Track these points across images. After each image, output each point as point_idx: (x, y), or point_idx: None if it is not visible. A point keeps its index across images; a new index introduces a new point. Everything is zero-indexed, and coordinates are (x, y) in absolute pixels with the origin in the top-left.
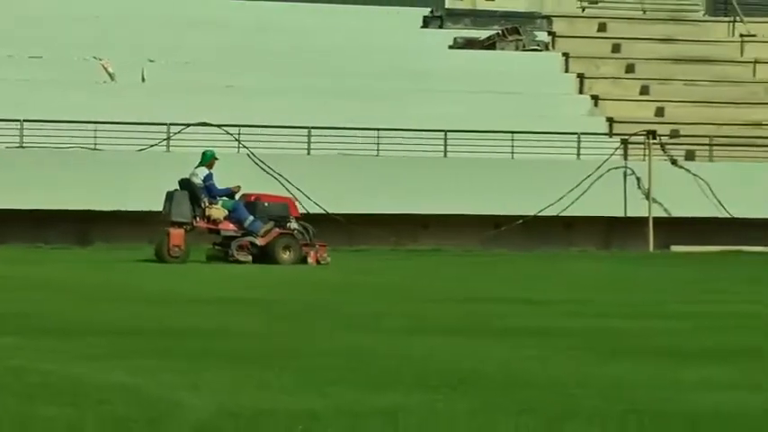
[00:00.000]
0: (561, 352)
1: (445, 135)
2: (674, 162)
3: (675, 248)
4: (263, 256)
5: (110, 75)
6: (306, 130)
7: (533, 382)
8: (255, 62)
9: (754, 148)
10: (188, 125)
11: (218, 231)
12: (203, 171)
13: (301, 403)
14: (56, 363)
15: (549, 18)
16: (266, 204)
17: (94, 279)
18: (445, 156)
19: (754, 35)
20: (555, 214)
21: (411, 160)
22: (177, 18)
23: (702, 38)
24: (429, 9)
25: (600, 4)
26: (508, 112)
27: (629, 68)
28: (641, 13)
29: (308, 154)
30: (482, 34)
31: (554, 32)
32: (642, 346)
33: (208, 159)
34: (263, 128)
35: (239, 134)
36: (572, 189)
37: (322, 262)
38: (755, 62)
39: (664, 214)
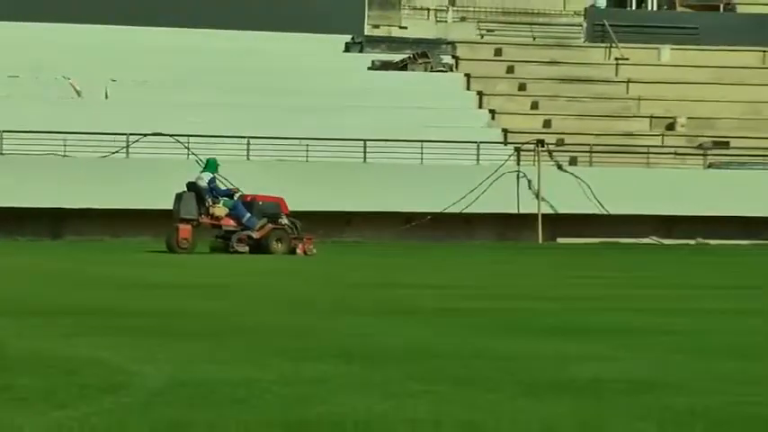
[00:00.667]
0: (463, 329)
1: (365, 143)
2: (559, 167)
3: (561, 240)
4: (259, 247)
5: (77, 92)
6: (245, 139)
7: (439, 354)
8: (202, 81)
9: (628, 155)
10: (144, 135)
11: (220, 226)
12: (208, 175)
13: (244, 373)
14: (31, 339)
15: (453, 44)
16: (261, 203)
17: (65, 267)
18: (365, 161)
19: (626, 58)
20: (458, 211)
21: (335, 165)
22: (135, 44)
23: (583, 61)
24: (350, 36)
25: (496, 32)
26: (418, 123)
27: (521, 87)
28: (531, 39)
29: (248, 159)
30: (396, 57)
31: (457, 56)
32: (533, 324)
33: (212, 166)
34: (208, 137)
35: (188, 143)
36: (472, 190)
37: (308, 253)
38: (628, 81)
39: (551, 211)
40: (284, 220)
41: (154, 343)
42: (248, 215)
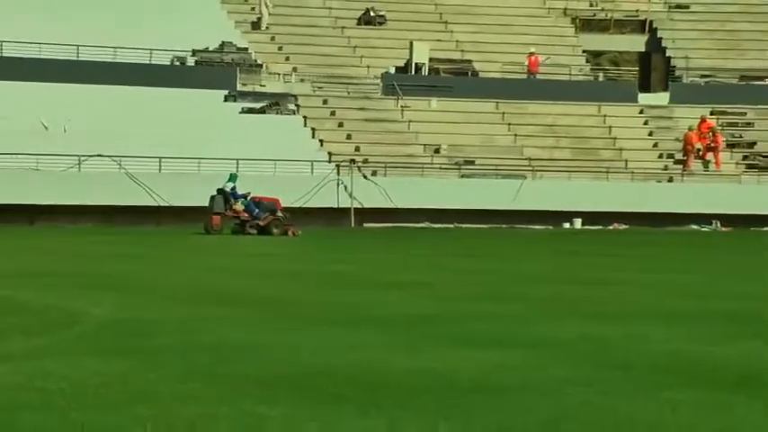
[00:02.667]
0: (302, 284)
1: (237, 162)
2: (365, 177)
3: (366, 225)
4: (263, 231)
5: (45, 126)
6: (158, 159)
7: (285, 302)
8: (130, 121)
9: (410, 169)
10: (91, 155)
11: (238, 217)
12: (230, 184)
13: (157, 315)
14: (11, 290)
15: (295, 96)
16: (265, 203)
17: (39, 244)
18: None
19: (408, 106)
20: (299, 206)
21: (218, 176)
22: (85, 96)
23: (380, 108)
24: (228, 90)
25: (324, 89)
26: (273, 148)
27: (340, 124)
28: (347, 93)
29: (160, 172)
30: (258, 105)
31: (299, 104)
32: (346, 281)
33: (234, 178)
34: (134, 157)
35: (120, 161)
36: (308, 192)
37: (296, 234)
38: (410, 121)
39: (360, 206)
40: (280, 214)
41: (98, 294)
42: (257, 210)
